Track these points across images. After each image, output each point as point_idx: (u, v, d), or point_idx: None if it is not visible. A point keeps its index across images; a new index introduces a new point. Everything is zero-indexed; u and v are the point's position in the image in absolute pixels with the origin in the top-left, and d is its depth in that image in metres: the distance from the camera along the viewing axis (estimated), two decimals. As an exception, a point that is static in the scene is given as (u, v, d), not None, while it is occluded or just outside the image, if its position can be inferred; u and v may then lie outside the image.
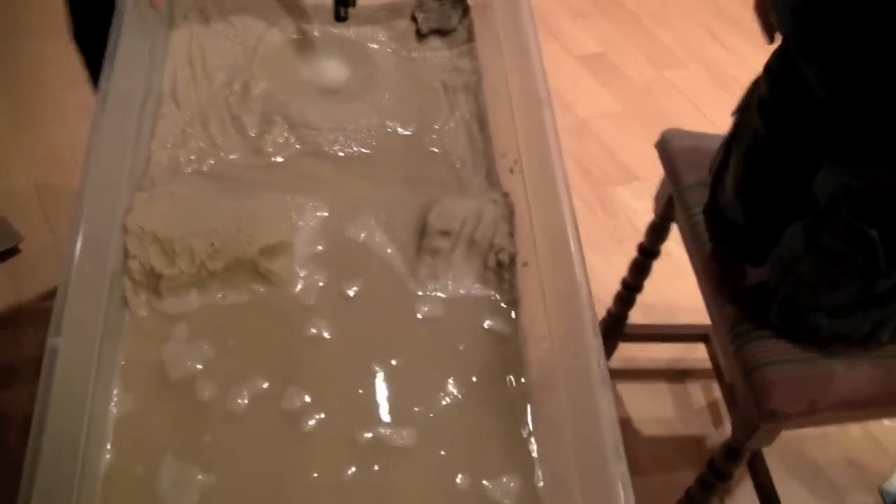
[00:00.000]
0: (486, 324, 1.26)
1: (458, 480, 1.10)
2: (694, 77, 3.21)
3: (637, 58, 3.26)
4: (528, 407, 1.18)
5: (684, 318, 2.34)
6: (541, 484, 1.11)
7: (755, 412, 1.40)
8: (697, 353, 2.27)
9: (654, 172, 1.80)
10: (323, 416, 1.13)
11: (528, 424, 1.16)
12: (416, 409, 1.16)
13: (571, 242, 1.13)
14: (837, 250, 1.25)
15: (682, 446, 2.11)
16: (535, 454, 1.14)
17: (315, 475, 1.08)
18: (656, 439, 2.11)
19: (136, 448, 1.06)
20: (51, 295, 2.18)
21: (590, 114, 2.92)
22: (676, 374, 2.27)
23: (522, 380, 1.20)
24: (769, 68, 1.35)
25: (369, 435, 1.12)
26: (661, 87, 3.14)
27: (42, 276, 2.29)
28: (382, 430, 1.13)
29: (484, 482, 1.10)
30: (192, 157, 1.35)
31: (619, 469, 0.94)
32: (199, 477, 1.05)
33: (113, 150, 1.18)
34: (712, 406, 2.22)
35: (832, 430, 2.22)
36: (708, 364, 2.19)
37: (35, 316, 2.21)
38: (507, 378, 1.20)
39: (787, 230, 1.34)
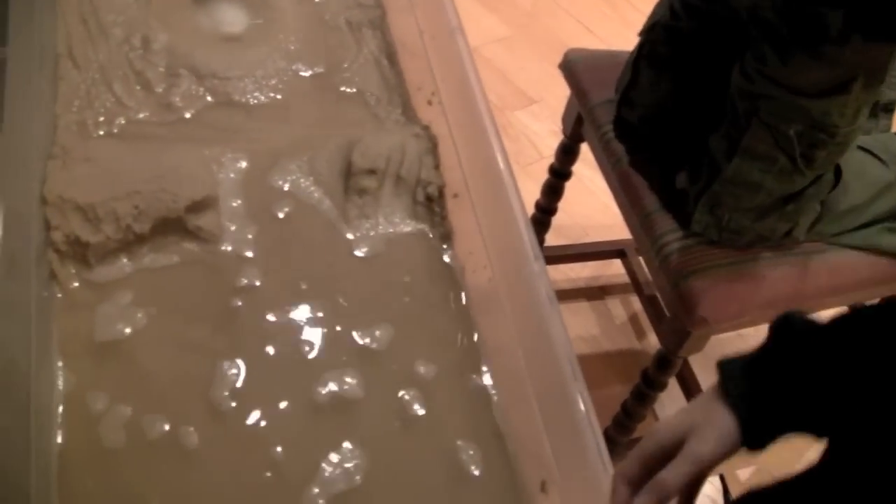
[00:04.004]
0: (422, 258, 1.25)
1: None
2: (578, -5, 3.22)
3: (520, -20, 3.24)
4: (475, 335, 1.18)
5: (595, 236, 2.36)
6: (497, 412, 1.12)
7: (686, 320, 1.42)
8: (614, 269, 2.30)
9: (550, 93, 1.78)
10: (272, 351, 1.13)
11: (476, 351, 1.17)
12: (363, 351, 1.15)
13: (502, 169, 1.13)
14: (760, 151, 1.27)
15: (608, 362, 2.14)
16: (488, 381, 1.14)
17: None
18: (583, 358, 2.12)
19: (86, 429, 1.03)
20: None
21: (480, 41, 2.90)
22: (596, 292, 2.29)
23: (464, 303, 1.21)
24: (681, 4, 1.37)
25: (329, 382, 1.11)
26: (547, 8, 3.13)
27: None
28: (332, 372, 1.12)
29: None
30: (101, 119, 1.29)
31: (577, 387, 0.96)
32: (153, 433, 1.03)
33: (20, 119, 1.13)
34: (633, 319, 2.25)
35: (747, 329, 2.27)
36: (625, 279, 2.22)
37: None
38: (450, 307, 1.21)
39: (709, 138, 1.36)
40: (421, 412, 1.11)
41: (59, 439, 1.01)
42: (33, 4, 1.27)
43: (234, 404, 1.07)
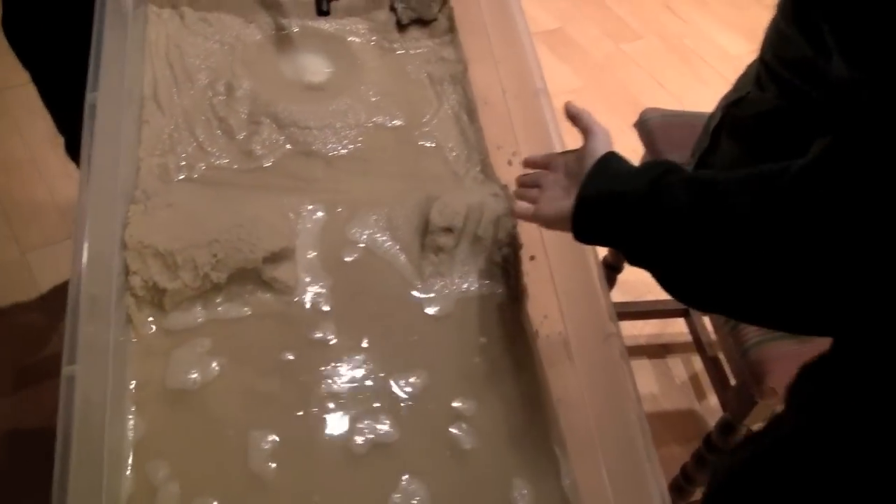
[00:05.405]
0: (495, 319, 1.24)
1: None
2: (651, 49, 3.21)
3: (593, 32, 3.24)
4: (545, 391, 1.17)
5: (658, 294, 2.33)
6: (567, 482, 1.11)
7: (754, 389, 1.40)
8: (677, 328, 2.28)
9: (620, 147, 1.75)
10: (344, 415, 1.12)
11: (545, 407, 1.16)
12: (432, 412, 1.14)
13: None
14: None
15: (667, 422, 2.12)
16: (556, 438, 1.13)
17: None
18: (643, 416, 2.11)
19: (155, 475, 1.03)
20: (22, 308, 2.11)
21: (551, 92, 2.90)
22: (657, 350, 2.27)
23: (535, 364, 1.20)
24: (770, 77, 1.36)
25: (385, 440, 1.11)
26: (619, 61, 3.13)
27: (11, 289, 2.20)
28: (395, 434, 1.11)
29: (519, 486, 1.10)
30: (182, 164, 1.31)
31: (648, 451, 0.95)
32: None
33: (107, 163, 1.14)
34: (694, 379, 2.22)
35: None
36: (687, 338, 2.19)
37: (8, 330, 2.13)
38: (521, 368, 1.20)
39: None
40: (483, 464, 1.11)
41: (128, 483, 1.02)
42: (125, 50, 1.28)
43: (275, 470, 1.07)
